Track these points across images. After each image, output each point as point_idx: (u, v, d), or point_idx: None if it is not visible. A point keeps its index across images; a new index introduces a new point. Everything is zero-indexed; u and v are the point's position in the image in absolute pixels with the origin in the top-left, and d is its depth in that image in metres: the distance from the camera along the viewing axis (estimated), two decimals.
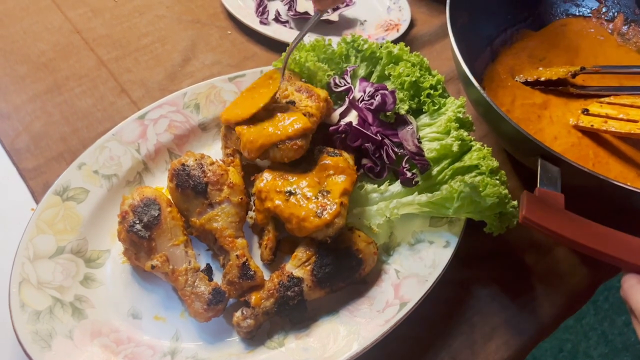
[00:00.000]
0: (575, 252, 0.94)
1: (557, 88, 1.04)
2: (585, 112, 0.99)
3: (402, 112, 0.92)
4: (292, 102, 0.90)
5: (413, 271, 0.82)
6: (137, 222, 0.79)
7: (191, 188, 0.82)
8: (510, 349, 0.84)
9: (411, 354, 0.82)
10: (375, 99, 0.92)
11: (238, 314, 0.77)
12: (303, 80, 0.97)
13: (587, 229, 0.72)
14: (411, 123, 0.92)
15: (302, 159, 0.87)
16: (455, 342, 0.84)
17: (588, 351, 2.02)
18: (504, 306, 0.87)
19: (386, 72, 0.96)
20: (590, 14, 1.20)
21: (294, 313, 0.78)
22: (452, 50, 0.92)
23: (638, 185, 0.88)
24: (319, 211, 0.79)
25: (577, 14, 1.20)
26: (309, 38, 1.00)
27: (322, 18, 1.22)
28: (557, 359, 2.00)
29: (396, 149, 0.90)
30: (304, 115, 0.87)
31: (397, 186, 0.89)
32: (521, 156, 0.92)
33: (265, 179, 0.84)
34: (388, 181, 0.90)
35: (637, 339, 1.98)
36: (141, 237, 0.78)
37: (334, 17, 1.22)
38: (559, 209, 0.73)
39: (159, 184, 0.92)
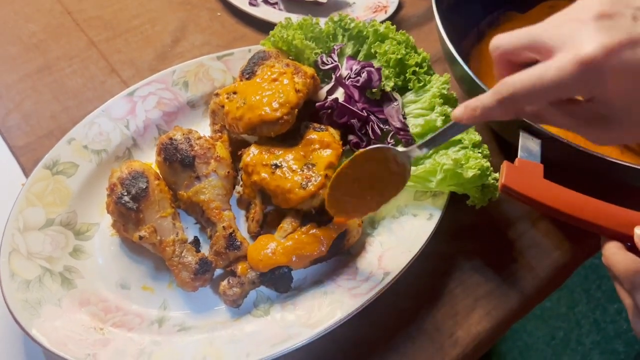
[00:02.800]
0: (559, 227, 0.95)
1: None
2: None
3: (388, 89, 0.94)
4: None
5: (397, 243, 0.84)
6: (125, 194, 0.80)
7: (179, 161, 0.83)
8: (492, 320, 0.86)
9: (395, 324, 0.84)
10: (361, 76, 0.93)
11: (224, 282, 0.78)
12: (290, 58, 0.98)
13: (566, 196, 0.73)
14: (396, 100, 0.93)
15: (289, 135, 0.88)
16: (439, 313, 0.85)
17: (580, 339, 2.04)
18: (487, 278, 0.89)
19: (372, 50, 0.97)
20: None
21: (279, 282, 0.80)
22: (437, 28, 0.93)
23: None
24: (304, 183, 0.81)
25: None
26: (297, 18, 1.01)
27: None
28: (549, 347, 2.02)
29: (381, 125, 0.91)
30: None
31: None
32: (504, 131, 0.93)
33: (252, 153, 0.86)
34: None
35: (629, 327, 2.00)
36: (129, 208, 0.79)
37: None
38: (538, 178, 0.75)
39: (148, 159, 0.93)
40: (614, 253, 0.67)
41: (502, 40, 0.60)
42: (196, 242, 0.85)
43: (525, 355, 1.97)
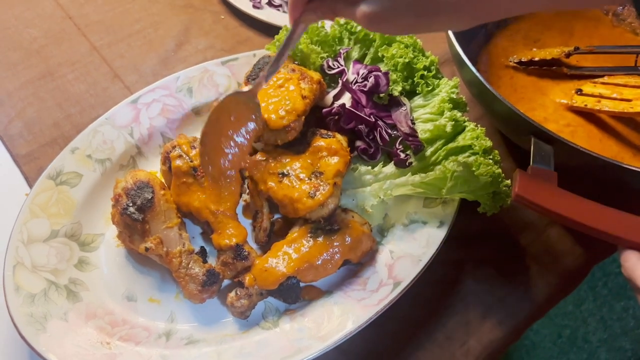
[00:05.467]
0: (570, 232, 0.94)
1: (551, 68, 1.04)
2: (579, 92, 0.98)
3: (396, 93, 0.92)
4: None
5: (407, 251, 0.83)
6: (131, 204, 0.78)
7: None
8: (504, 328, 0.84)
9: (406, 333, 0.83)
10: (368, 81, 0.91)
11: (232, 294, 0.77)
12: (296, 62, 0.97)
13: (581, 206, 0.72)
14: (405, 104, 0.92)
15: (296, 141, 0.87)
16: (450, 322, 0.84)
17: (587, 337, 2.02)
18: (498, 286, 0.87)
19: (379, 54, 0.95)
20: None
21: (287, 293, 0.78)
22: (445, 31, 0.92)
23: (635, 165, 0.88)
24: (311, 192, 0.79)
25: None
26: None
27: None
28: (556, 345, 2.00)
29: (390, 131, 0.90)
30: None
31: (391, 167, 0.89)
32: (515, 136, 0.92)
33: (259, 162, 0.84)
34: (382, 163, 0.90)
35: (636, 324, 1.98)
36: (135, 219, 0.78)
37: None
38: (552, 187, 0.73)
39: (153, 167, 0.92)
40: (635, 264, 0.65)
41: None
42: (203, 253, 0.83)
43: (532, 353, 1.96)
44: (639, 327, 2.02)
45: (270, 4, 1.23)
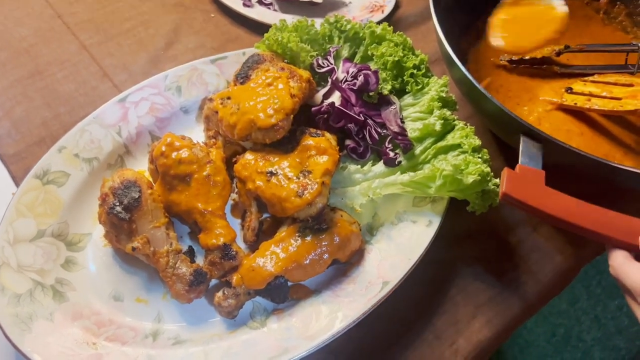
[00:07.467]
0: (560, 232, 0.94)
1: (542, 67, 1.04)
2: (569, 90, 0.98)
3: (385, 92, 0.92)
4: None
5: (396, 251, 0.82)
6: (118, 204, 0.78)
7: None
8: (494, 327, 0.84)
9: (395, 333, 0.82)
10: (358, 79, 0.91)
11: (219, 293, 0.77)
12: (285, 61, 0.96)
13: (568, 205, 0.72)
14: (394, 103, 0.92)
15: (284, 140, 0.86)
16: (439, 321, 0.84)
17: (581, 335, 2.03)
18: (488, 285, 0.87)
19: (369, 53, 0.95)
20: None
21: (275, 293, 0.78)
22: (434, 29, 0.91)
23: (626, 164, 0.87)
24: (300, 191, 0.79)
25: None
26: (292, 19, 0.99)
27: None
28: (550, 344, 2.00)
29: (379, 129, 0.90)
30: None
31: (380, 166, 0.88)
32: (504, 135, 0.92)
33: (247, 160, 0.84)
34: (371, 162, 0.90)
35: (630, 323, 1.99)
36: (121, 219, 0.77)
37: None
38: (539, 186, 0.73)
39: (141, 166, 0.91)
40: (622, 264, 0.65)
41: None
42: (191, 252, 0.83)
43: (525, 352, 1.96)
44: (633, 326, 2.02)
45: (260, 2, 1.23)
